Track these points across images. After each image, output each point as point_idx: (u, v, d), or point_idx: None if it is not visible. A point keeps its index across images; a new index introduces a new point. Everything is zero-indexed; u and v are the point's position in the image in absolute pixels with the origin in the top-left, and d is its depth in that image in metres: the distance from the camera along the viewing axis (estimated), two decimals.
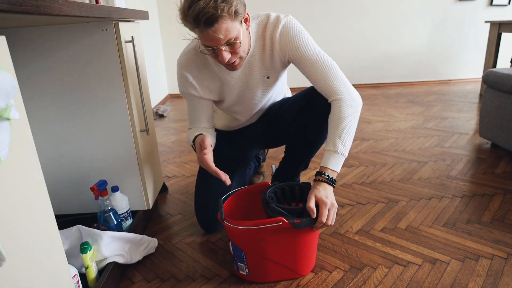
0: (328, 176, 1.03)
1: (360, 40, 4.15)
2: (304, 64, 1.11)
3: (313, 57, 1.10)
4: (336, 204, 1.00)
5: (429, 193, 1.55)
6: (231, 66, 1.05)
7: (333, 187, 1.04)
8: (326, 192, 1.00)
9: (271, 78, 1.20)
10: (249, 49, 1.09)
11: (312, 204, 0.97)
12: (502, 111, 1.87)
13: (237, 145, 1.41)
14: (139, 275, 1.12)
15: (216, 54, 0.99)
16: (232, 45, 0.97)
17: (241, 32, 0.98)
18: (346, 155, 1.05)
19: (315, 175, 1.05)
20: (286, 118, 1.32)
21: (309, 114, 1.25)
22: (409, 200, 1.50)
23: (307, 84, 1.22)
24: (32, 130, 1.23)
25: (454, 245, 1.19)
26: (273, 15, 1.11)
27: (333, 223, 1.00)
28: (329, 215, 0.98)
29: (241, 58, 1.05)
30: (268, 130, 1.39)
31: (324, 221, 0.97)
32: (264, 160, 1.80)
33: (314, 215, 0.96)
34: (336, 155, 1.04)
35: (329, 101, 1.11)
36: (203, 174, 1.32)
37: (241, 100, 1.24)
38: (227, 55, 0.98)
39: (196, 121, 1.25)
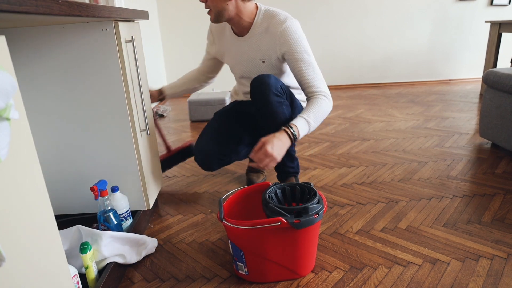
0: (291, 128, 1.18)
1: (360, 40, 4.15)
2: (294, 61, 1.31)
3: (304, 59, 1.31)
4: (277, 159, 1.14)
5: (430, 193, 1.55)
6: (209, 14, 1.32)
7: (291, 143, 1.19)
8: (279, 142, 1.15)
9: (266, 64, 1.41)
10: (221, 12, 1.30)
11: (257, 146, 1.15)
12: (503, 111, 1.87)
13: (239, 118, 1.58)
14: (139, 275, 1.12)
15: None
16: None
17: None
18: (311, 130, 1.24)
19: (283, 127, 1.20)
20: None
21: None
22: (409, 200, 1.50)
23: None
24: (32, 130, 1.23)
25: (455, 245, 1.19)
26: (283, 14, 1.34)
27: (261, 166, 1.15)
28: (262, 159, 1.13)
29: (211, 12, 1.29)
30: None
31: (256, 161, 1.14)
32: None
33: (252, 156, 1.14)
34: (305, 122, 1.22)
35: (307, 91, 1.32)
36: (214, 123, 1.56)
37: (242, 66, 1.48)
38: None
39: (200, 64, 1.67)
